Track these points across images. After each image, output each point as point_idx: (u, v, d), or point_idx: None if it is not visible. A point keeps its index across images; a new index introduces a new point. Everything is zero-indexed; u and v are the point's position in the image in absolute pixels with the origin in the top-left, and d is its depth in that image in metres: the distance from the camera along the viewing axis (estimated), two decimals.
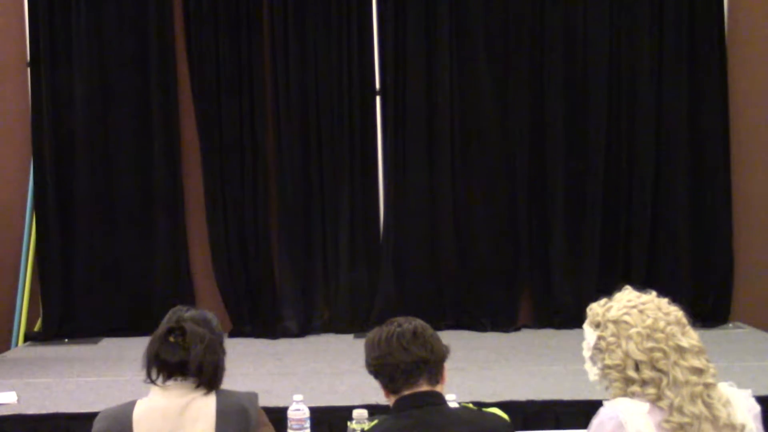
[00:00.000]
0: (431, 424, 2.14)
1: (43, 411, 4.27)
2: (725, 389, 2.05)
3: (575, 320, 6.22)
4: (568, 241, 6.41)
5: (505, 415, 2.23)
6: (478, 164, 6.42)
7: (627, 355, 2.03)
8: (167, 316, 2.47)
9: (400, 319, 2.27)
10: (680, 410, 1.98)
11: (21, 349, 6.05)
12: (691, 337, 2.05)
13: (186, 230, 6.45)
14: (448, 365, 2.27)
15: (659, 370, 2.00)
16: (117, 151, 6.37)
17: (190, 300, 6.32)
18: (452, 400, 2.51)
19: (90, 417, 2.48)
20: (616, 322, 2.07)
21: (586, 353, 2.14)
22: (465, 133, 6.41)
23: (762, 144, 6.49)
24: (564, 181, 6.40)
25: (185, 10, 6.35)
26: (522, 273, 6.44)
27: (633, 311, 2.07)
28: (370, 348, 2.25)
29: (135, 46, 6.35)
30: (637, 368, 2.02)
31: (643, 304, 2.08)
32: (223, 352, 2.49)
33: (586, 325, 2.16)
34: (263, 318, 6.34)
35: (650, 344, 2.02)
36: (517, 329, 6.28)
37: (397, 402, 2.21)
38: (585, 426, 2.11)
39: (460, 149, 6.39)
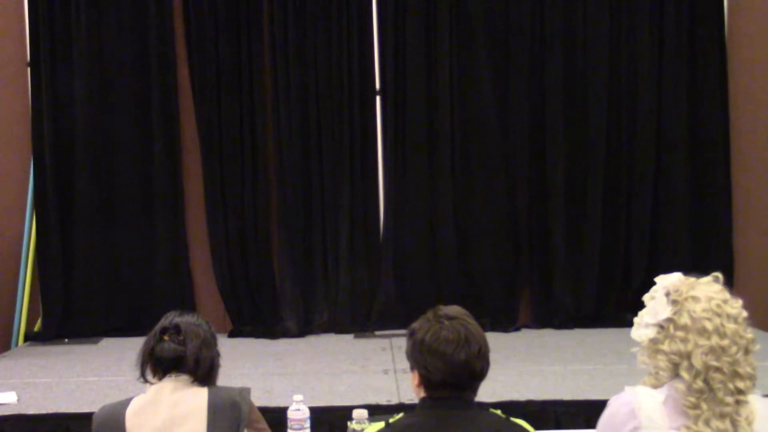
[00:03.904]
0: (456, 427, 2.07)
1: (43, 411, 4.27)
2: (754, 403, 2.01)
3: (575, 320, 6.29)
4: (568, 241, 6.41)
5: (532, 429, 2.17)
6: (478, 164, 6.42)
7: (688, 356, 1.98)
8: (160, 322, 2.49)
9: (469, 326, 2.11)
10: (707, 423, 1.96)
11: (21, 349, 6.04)
12: (749, 365, 2.01)
13: (186, 230, 6.45)
14: None
15: (708, 385, 1.97)
16: (117, 151, 6.37)
17: (189, 300, 6.33)
18: None
19: (89, 417, 2.49)
20: (694, 319, 2.00)
21: (648, 318, 2.07)
22: (465, 133, 6.41)
23: (762, 144, 6.49)
24: (564, 181, 6.40)
25: (185, 10, 6.35)
26: (522, 273, 6.44)
27: (716, 320, 1.99)
28: (433, 342, 2.08)
29: (135, 47, 6.35)
30: (687, 370, 1.98)
31: (728, 318, 2.01)
32: (217, 353, 2.50)
33: (660, 291, 2.07)
34: (263, 318, 6.34)
35: (714, 362, 1.97)
36: (517, 329, 6.27)
37: (425, 399, 2.14)
38: (585, 426, 2.11)
39: (460, 149, 6.39)
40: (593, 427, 2.15)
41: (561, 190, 6.40)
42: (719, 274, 2.09)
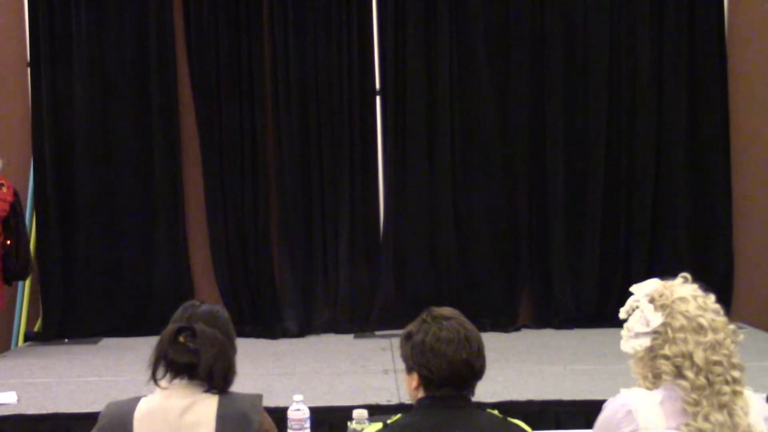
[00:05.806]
0: (454, 427, 2.08)
1: (43, 411, 4.26)
2: (748, 397, 2.05)
3: (575, 320, 6.29)
4: (568, 240, 6.42)
5: (529, 429, 2.17)
6: (478, 164, 6.42)
7: (690, 356, 2.01)
8: (179, 312, 2.43)
9: (466, 325, 2.18)
10: (706, 417, 1.98)
11: (21, 349, 6.04)
12: (737, 353, 2.06)
13: (186, 230, 6.45)
14: None
15: (708, 380, 2.00)
16: (117, 151, 6.38)
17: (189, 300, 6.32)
18: None
19: (90, 417, 2.48)
20: (689, 319, 2.03)
21: (639, 327, 2.08)
22: (465, 132, 6.41)
23: (762, 145, 6.49)
24: (564, 181, 6.40)
25: (185, 10, 6.35)
26: (522, 273, 6.45)
27: (707, 316, 2.04)
28: (434, 342, 2.11)
29: (135, 46, 6.36)
30: (690, 369, 2.01)
31: (714, 312, 2.06)
32: (234, 352, 2.47)
33: (644, 300, 2.09)
34: (263, 318, 6.34)
35: (715, 357, 2.01)
36: (517, 329, 6.28)
37: (423, 399, 2.15)
38: (585, 426, 2.11)
39: (460, 149, 6.39)
40: (593, 427, 2.15)
41: (561, 190, 6.40)
42: (687, 275, 2.13)
